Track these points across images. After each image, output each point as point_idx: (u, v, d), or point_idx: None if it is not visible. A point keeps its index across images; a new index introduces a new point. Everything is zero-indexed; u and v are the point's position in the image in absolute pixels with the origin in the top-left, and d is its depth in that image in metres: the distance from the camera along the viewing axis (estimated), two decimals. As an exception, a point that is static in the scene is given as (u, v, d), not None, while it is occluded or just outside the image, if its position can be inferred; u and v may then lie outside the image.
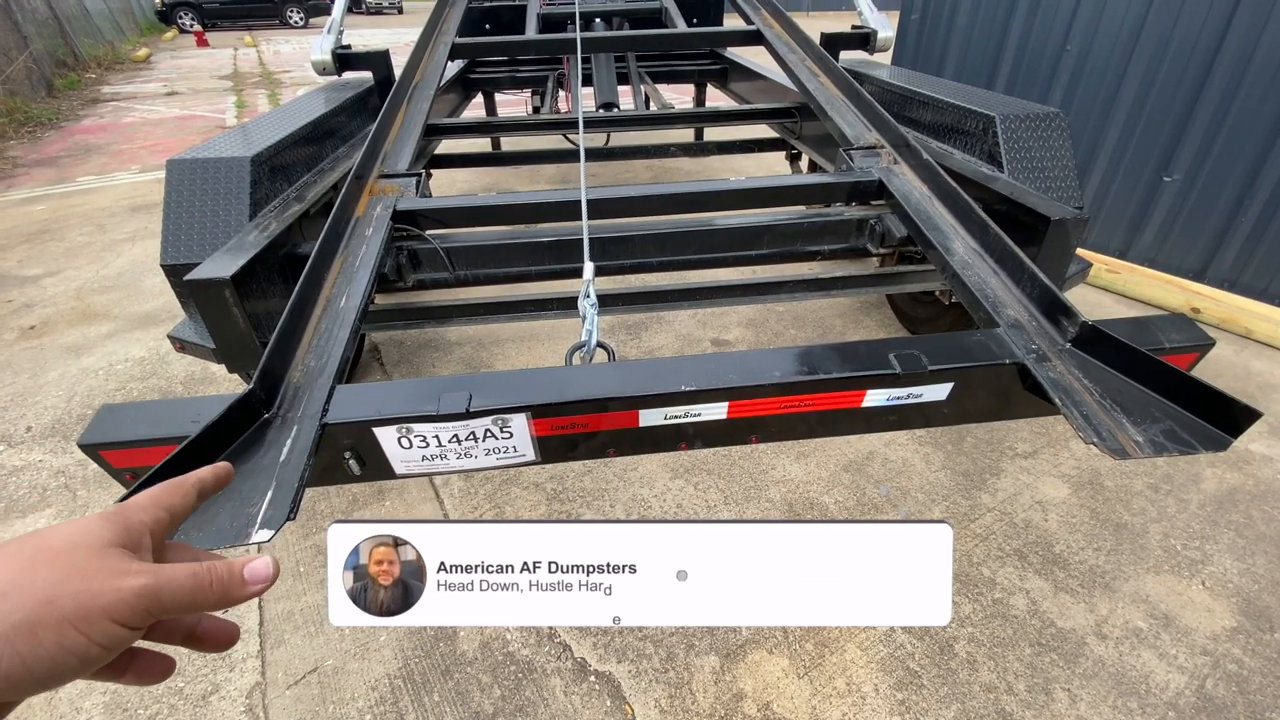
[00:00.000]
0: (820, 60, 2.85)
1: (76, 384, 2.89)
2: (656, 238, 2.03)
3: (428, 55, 3.00)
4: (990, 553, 1.94)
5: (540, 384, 1.31)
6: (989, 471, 2.25)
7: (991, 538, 1.99)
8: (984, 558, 1.93)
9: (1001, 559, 1.92)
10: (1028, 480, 2.21)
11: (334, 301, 1.59)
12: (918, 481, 2.19)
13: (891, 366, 1.32)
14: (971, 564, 1.91)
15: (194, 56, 14.05)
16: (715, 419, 1.38)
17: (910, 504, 2.11)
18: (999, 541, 1.98)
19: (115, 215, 4.91)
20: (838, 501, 2.11)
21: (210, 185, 2.01)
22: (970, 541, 1.98)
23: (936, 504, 2.11)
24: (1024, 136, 2.26)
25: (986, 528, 2.03)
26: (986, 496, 2.14)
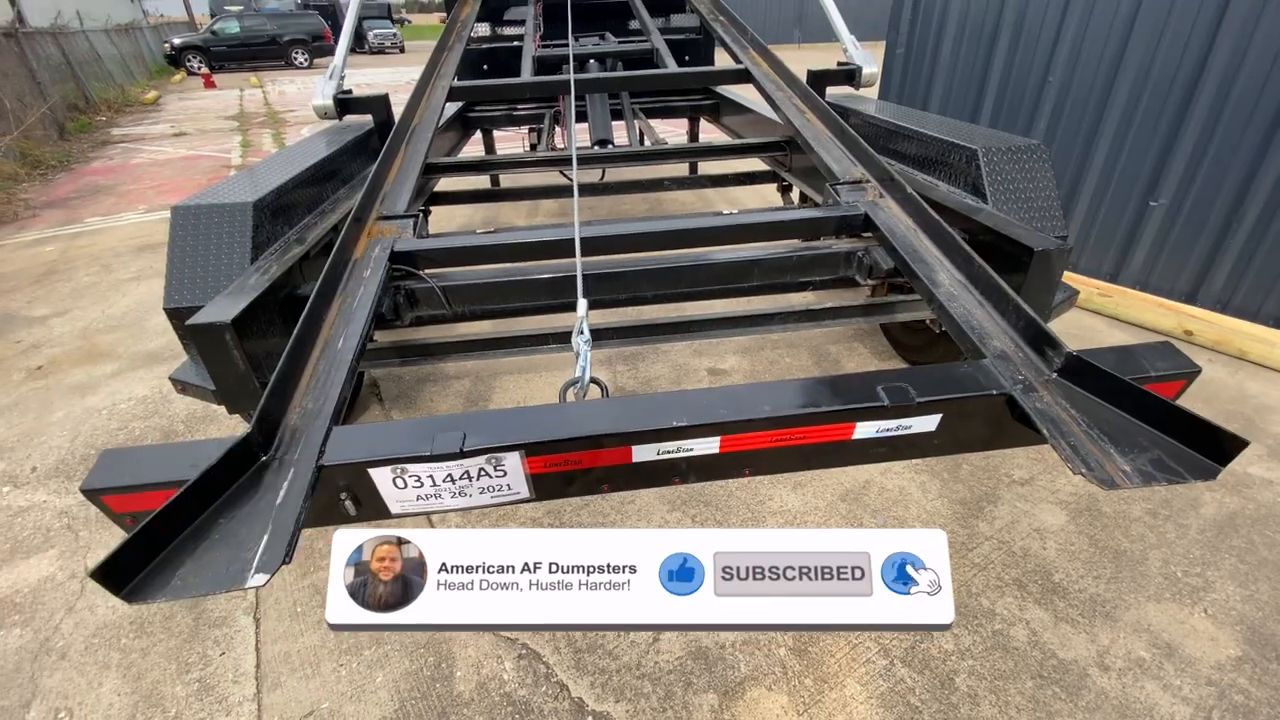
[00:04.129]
0: (806, 97, 2.93)
1: (81, 424, 2.92)
2: (649, 273, 2.07)
3: (426, 97, 3.09)
4: (989, 582, 1.94)
5: (533, 422, 1.33)
6: (986, 499, 2.25)
7: (990, 567, 1.99)
8: (983, 588, 1.92)
9: (1001, 589, 1.92)
10: (1025, 508, 2.21)
11: (332, 343, 1.63)
12: (915, 510, 2.19)
13: (880, 399, 1.34)
14: (971, 594, 1.90)
15: (201, 98, 14.41)
16: (708, 453, 1.40)
17: (908, 533, 2.11)
18: (998, 571, 1.97)
19: (121, 255, 5.00)
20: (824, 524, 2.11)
21: (213, 230, 2.06)
22: (969, 571, 1.97)
23: (934, 533, 2.10)
24: (1007, 168, 2.31)
25: (985, 557, 2.02)
26: (984, 525, 2.14)
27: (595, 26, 5.23)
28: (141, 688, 1.73)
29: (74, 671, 1.79)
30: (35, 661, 1.82)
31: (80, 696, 1.72)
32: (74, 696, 1.72)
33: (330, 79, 3.20)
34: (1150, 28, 3.23)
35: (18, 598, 2.04)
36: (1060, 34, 3.54)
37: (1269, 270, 3.07)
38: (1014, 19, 3.72)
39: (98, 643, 1.87)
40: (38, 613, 1.98)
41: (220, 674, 1.76)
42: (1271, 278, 3.06)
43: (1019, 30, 3.72)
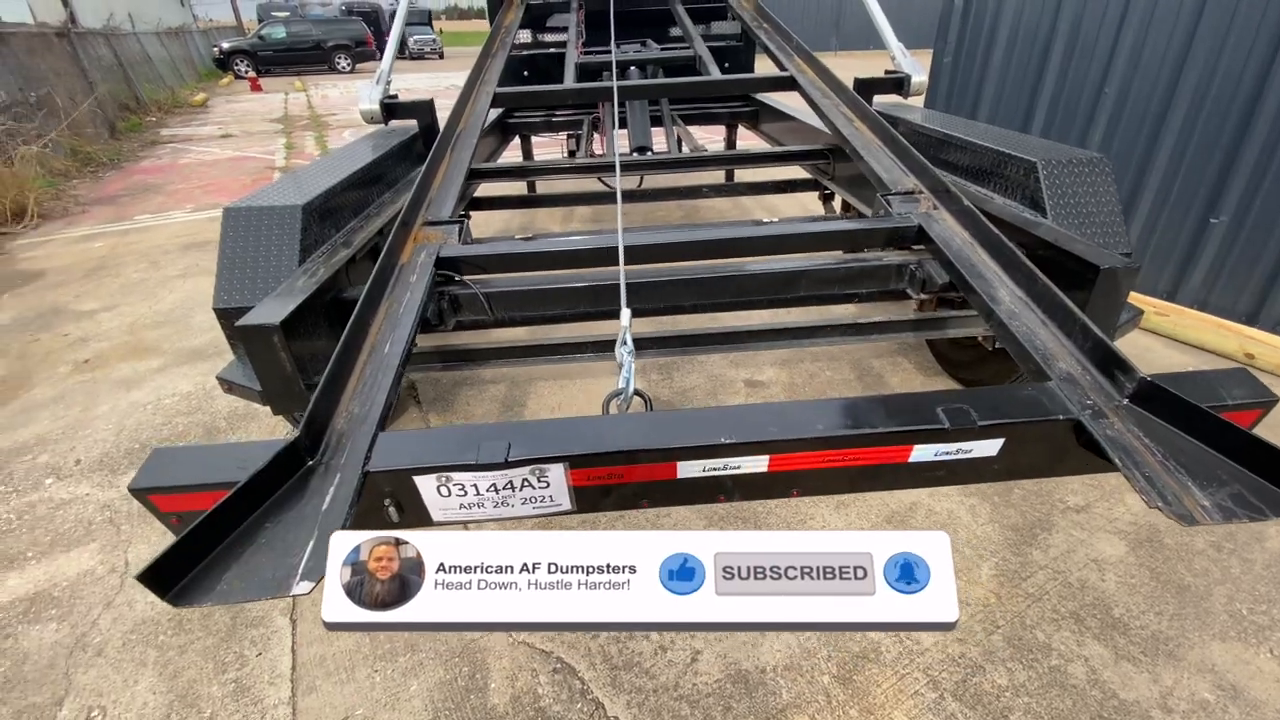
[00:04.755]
0: (854, 105, 2.87)
1: (125, 418, 2.98)
2: (692, 282, 2.04)
3: (470, 103, 3.11)
4: (1045, 615, 1.85)
5: (578, 434, 1.30)
6: (1040, 526, 2.15)
7: (1045, 598, 1.89)
8: (1038, 620, 1.83)
9: (1057, 622, 1.83)
10: (1081, 536, 2.11)
11: (378, 347, 1.62)
12: (964, 535, 2.11)
13: (939, 421, 1.28)
14: (1025, 627, 1.81)
15: (247, 101, 14.82)
16: (755, 472, 1.36)
17: (956, 559, 2.02)
18: (1054, 603, 1.88)
19: (169, 253, 5.13)
20: (879, 555, 2.04)
21: (263, 232, 2.08)
22: (1022, 602, 1.88)
23: (985, 560, 2.02)
24: (1068, 182, 2.22)
25: (1040, 587, 1.93)
26: (1038, 553, 2.05)
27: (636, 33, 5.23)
28: (177, 686, 1.74)
29: (110, 668, 1.80)
30: (70, 657, 1.84)
31: (115, 694, 1.73)
32: (108, 694, 1.73)
33: (377, 84, 3.24)
34: (1211, 40, 3.10)
35: (56, 591, 2.07)
36: (1117, 44, 3.42)
37: (1342, 293, 2.91)
38: (1069, 29, 3.61)
39: (135, 639, 1.88)
40: (75, 607, 2.00)
41: (256, 675, 1.76)
42: (1344, 301, 2.90)
43: (1074, 40, 3.60)
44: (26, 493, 2.52)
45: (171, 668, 1.79)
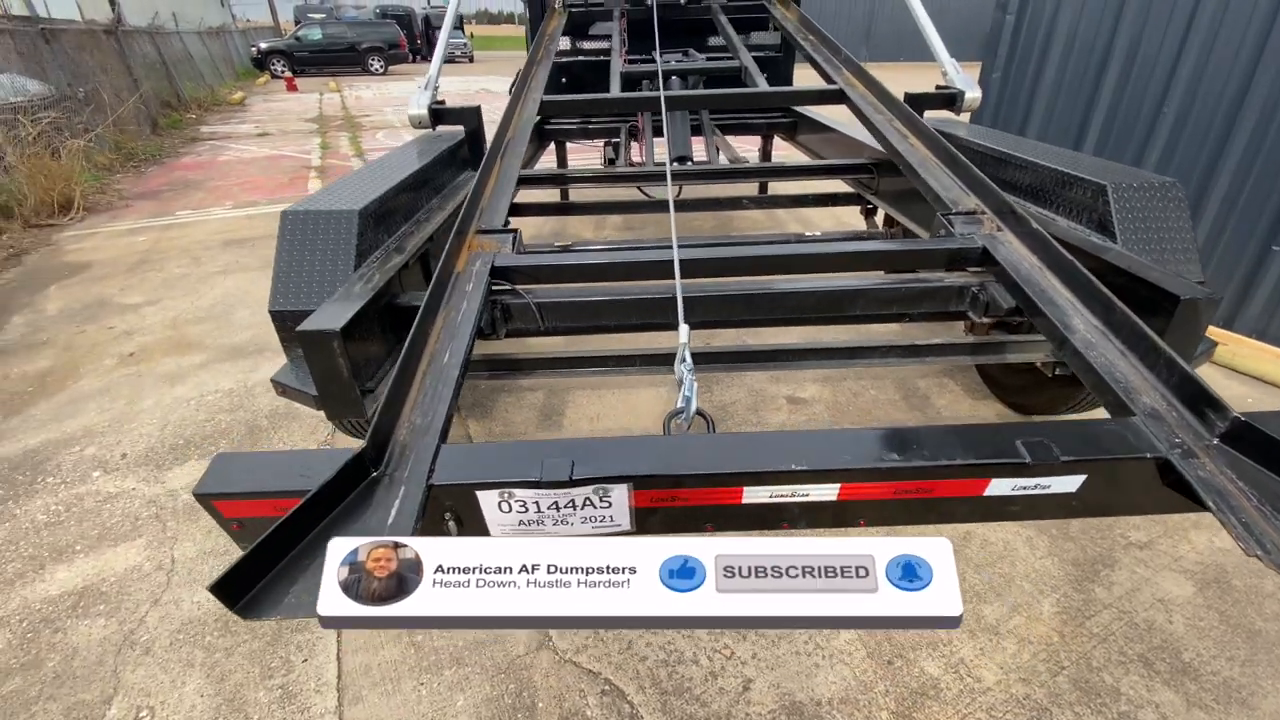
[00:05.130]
0: (909, 121, 2.82)
1: (170, 413, 3.01)
2: (747, 298, 2.00)
3: (518, 111, 3.11)
4: (1111, 657, 1.77)
5: (643, 454, 1.28)
6: (1101, 562, 2.08)
7: (1111, 639, 1.82)
8: (1105, 662, 1.76)
9: (1125, 665, 1.75)
10: (1145, 574, 2.03)
11: (437, 357, 1.61)
12: (1022, 568, 2.04)
13: (1020, 455, 1.24)
14: (1092, 669, 1.74)
15: (284, 100, 15.09)
16: (824, 500, 1.32)
17: (1016, 593, 1.96)
18: (1120, 644, 1.81)
19: (210, 249, 5.20)
20: (934, 585, 1.98)
21: (320, 236, 2.09)
22: (1088, 642, 1.81)
23: (1046, 596, 1.95)
24: (1139, 207, 2.15)
25: (1105, 627, 1.86)
26: (1101, 590, 1.97)
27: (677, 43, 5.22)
28: (225, 690, 1.73)
29: (157, 668, 1.80)
30: (118, 655, 1.85)
31: (163, 695, 1.73)
32: (156, 695, 1.73)
33: (425, 89, 3.25)
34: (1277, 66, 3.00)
35: (104, 586, 2.08)
36: (1178, 64, 3.33)
37: None
38: (1126, 46, 3.52)
39: (182, 639, 1.88)
40: (123, 603, 2.01)
41: (302, 682, 1.74)
42: None
43: (1131, 60, 3.52)
44: (74, 485, 2.55)
45: (219, 670, 1.78)
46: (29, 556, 2.19)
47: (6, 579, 2.10)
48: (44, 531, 2.30)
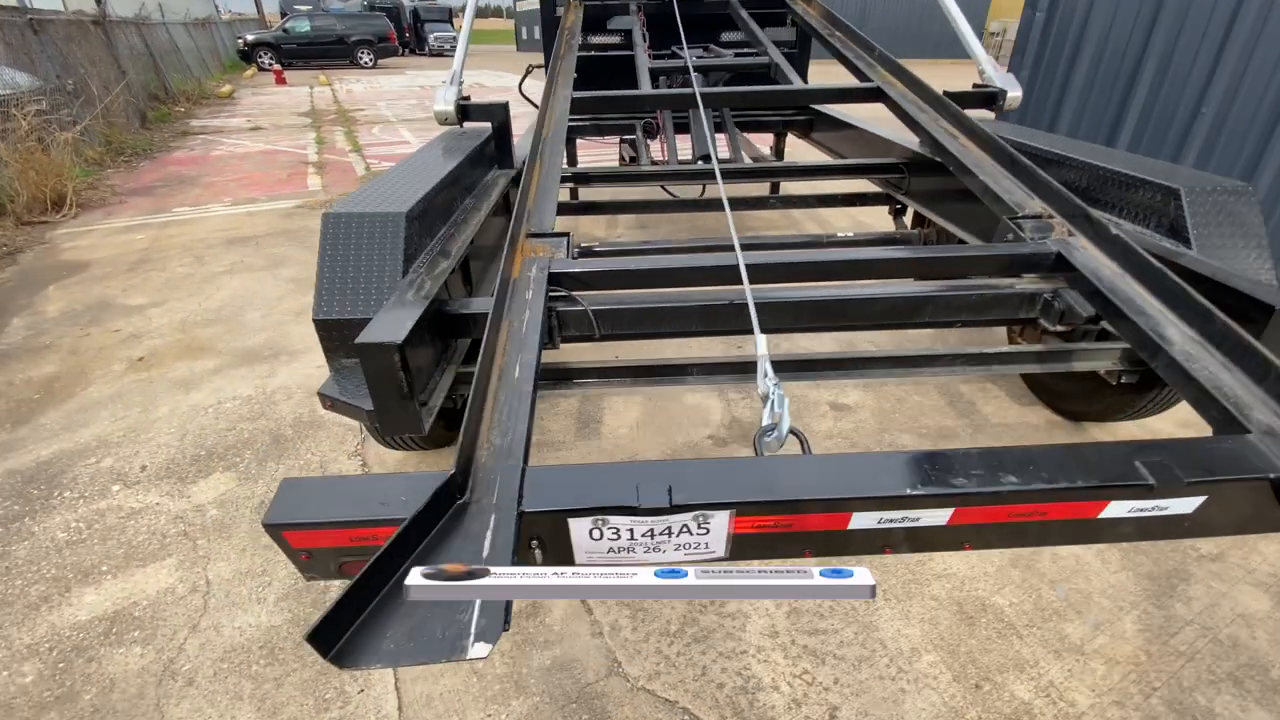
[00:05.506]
0: (958, 121, 2.75)
1: (188, 421, 2.88)
2: (816, 304, 1.93)
3: (550, 109, 3.00)
4: (1201, 676, 1.72)
5: (746, 479, 1.21)
6: (1175, 575, 2.02)
7: (1199, 657, 1.77)
8: (1195, 682, 1.70)
9: (1215, 684, 1.70)
10: (1222, 588, 1.98)
11: (507, 371, 1.51)
12: (1097, 584, 1.98)
13: (1143, 478, 1.18)
14: (1183, 689, 1.69)
15: (273, 93, 14.79)
16: (933, 525, 1.25)
17: (1095, 610, 1.90)
18: (1208, 662, 1.75)
19: (212, 247, 5.04)
20: (1012, 604, 1.92)
21: (365, 240, 1.98)
22: (1176, 661, 1.76)
23: (1126, 613, 1.89)
24: (1212, 211, 2.10)
25: (1190, 645, 1.80)
26: (1181, 606, 1.92)
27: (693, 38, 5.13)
28: (279, 724, 1.63)
29: (204, 701, 1.69)
30: (159, 686, 1.73)
31: (213, 728, 1.62)
32: (206, 727, 1.63)
33: (451, 84, 3.14)
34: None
35: (137, 611, 1.96)
36: (1218, 67, 3.30)
37: None
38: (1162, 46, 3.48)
39: (227, 668, 1.77)
40: (159, 630, 1.90)
41: (361, 715, 1.64)
42: None
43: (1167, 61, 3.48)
44: (94, 499, 2.42)
45: (270, 702, 1.68)
46: (53, 578, 2.07)
47: (31, 603, 1.98)
48: (66, 551, 2.18)
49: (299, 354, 3.43)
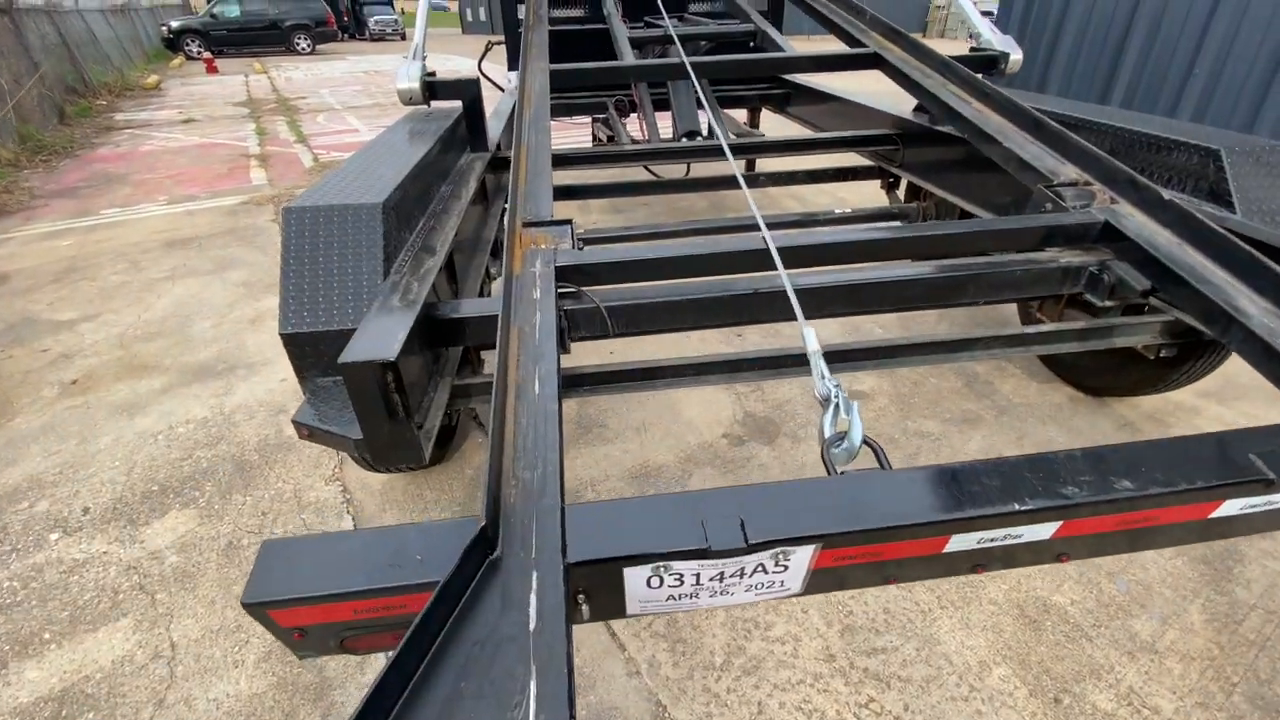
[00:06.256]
0: (971, 85, 2.59)
1: (134, 452, 2.54)
2: (852, 289, 1.75)
3: (528, 85, 2.73)
4: (1277, 665, 1.62)
5: (828, 504, 1.03)
6: (1229, 557, 1.93)
7: (1270, 645, 1.67)
8: (1272, 673, 1.60)
9: (1294, 675, 1.61)
10: (1277, 567, 1.90)
11: (525, 387, 1.28)
12: (1155, 573, 1.87)
13: (1261, 473, 1.05)
14: (1261, 681, 1.58)
15: (205, 83, 13.86)
16: (1035, 540, 1.09)
17: (1159, 602, 1.79)
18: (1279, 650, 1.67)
19: (149, 251, 4.58)
20: (1073, 601, 1.79)
21: (337, 237, 1.71)
22: (1248, 651, 1.65)
23: (1190, 601, 1.79)
24: (1254, 172, 1.99)
25: (1259, 632, 1.71)
26: (1241, 591, 1.82)
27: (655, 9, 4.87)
28: (273, 815, 1.38)
29: (180, 790, 1.43)
30: (126, 773, 1.46)
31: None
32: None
33: (414, 59, 2.83)
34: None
35: (89, 686, 1.67)
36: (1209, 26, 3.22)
37: None
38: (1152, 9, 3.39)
39: (205, 749, 1.51)
40: (119, 709, 1.61)
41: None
42: None
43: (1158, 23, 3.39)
44: (29, 552, 2.08)
45: (260, 791, 1.43)
46: (-18, 655, 1.75)
47: (-45, 688, 1.67)
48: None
49: (258, 366, 3.10)
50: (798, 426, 2.53)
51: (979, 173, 2.71)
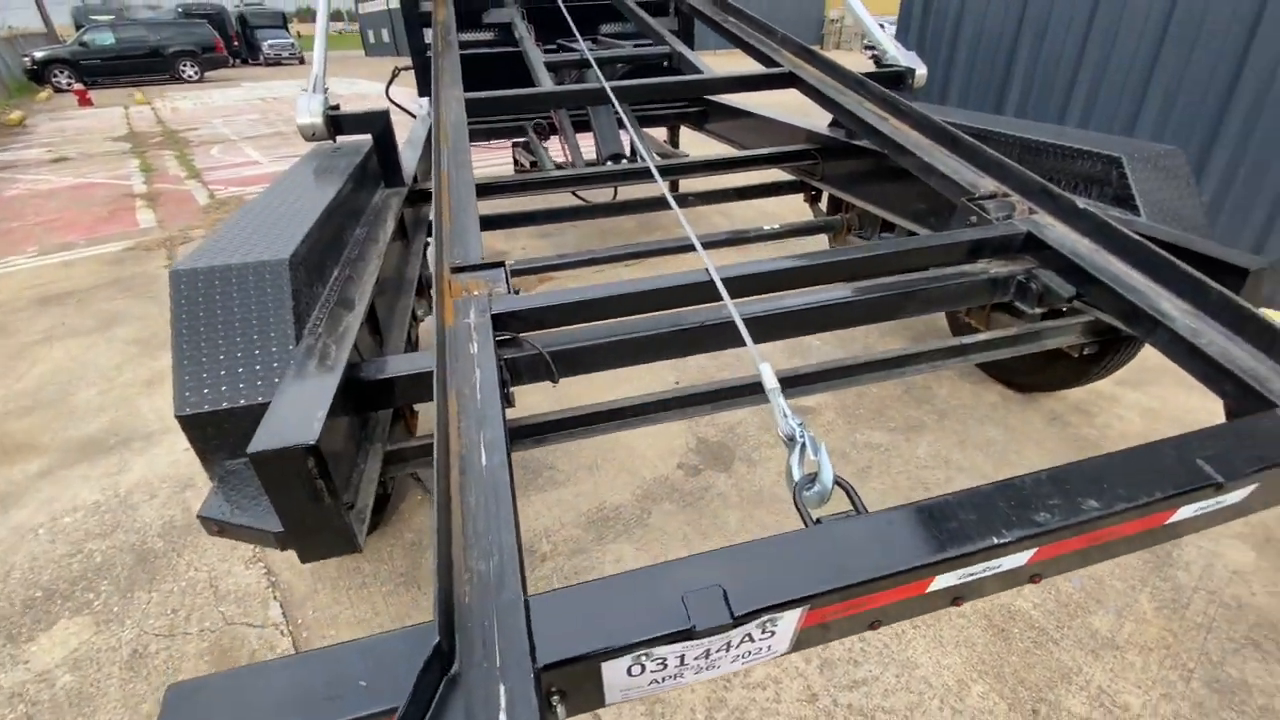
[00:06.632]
0: (886, 102, 2.65)
1: (10, 553, 2.20)
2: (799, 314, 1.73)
3: (443, 115, 2.59)
4: (1224, 645, 1.69)
5: (811, 560, 0.99)
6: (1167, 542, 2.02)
7: (1215, 626, 1.75)
8: (1222, 653, 1.67)
9: (1239, 651, 1.68)
10: (1209, 547, 2.00)
11: (469, 460, 1.17)
12: (1104, 567, 1.93)
13: (1210, 477, 1.09)
14: (1214, 663, 1.65)
15: (78, 117, 12.73)
16: (1012, 569, 1.09)
17: (1111, 595, 1.84)
18: (1224, 629, 1.74)
19: (19, 311, 4.08)
20: (1035, 605, 1.82)
21: (238, 301, 1.54)
22: (1198, 635, 1.72)
23: (1138, 591, 1.85)
24: (1153, 176, 2.11)
25: (1204, 613, 1.78)
26: (1182, 574, 1.91)
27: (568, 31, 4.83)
28: None
29: None
30: None
31: None
32: None
33: (314, 92, 2.65)
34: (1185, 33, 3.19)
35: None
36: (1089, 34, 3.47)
37: None
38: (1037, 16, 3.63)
39: None
40: None
41: None
42: None
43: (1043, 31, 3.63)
44: (-125, 694, 1.75)
45: None
46: None
47: None
48: None
49: (157, 436, 2.79)
50: (751, 449, 2.50)
51: (897, 183, 2.79)
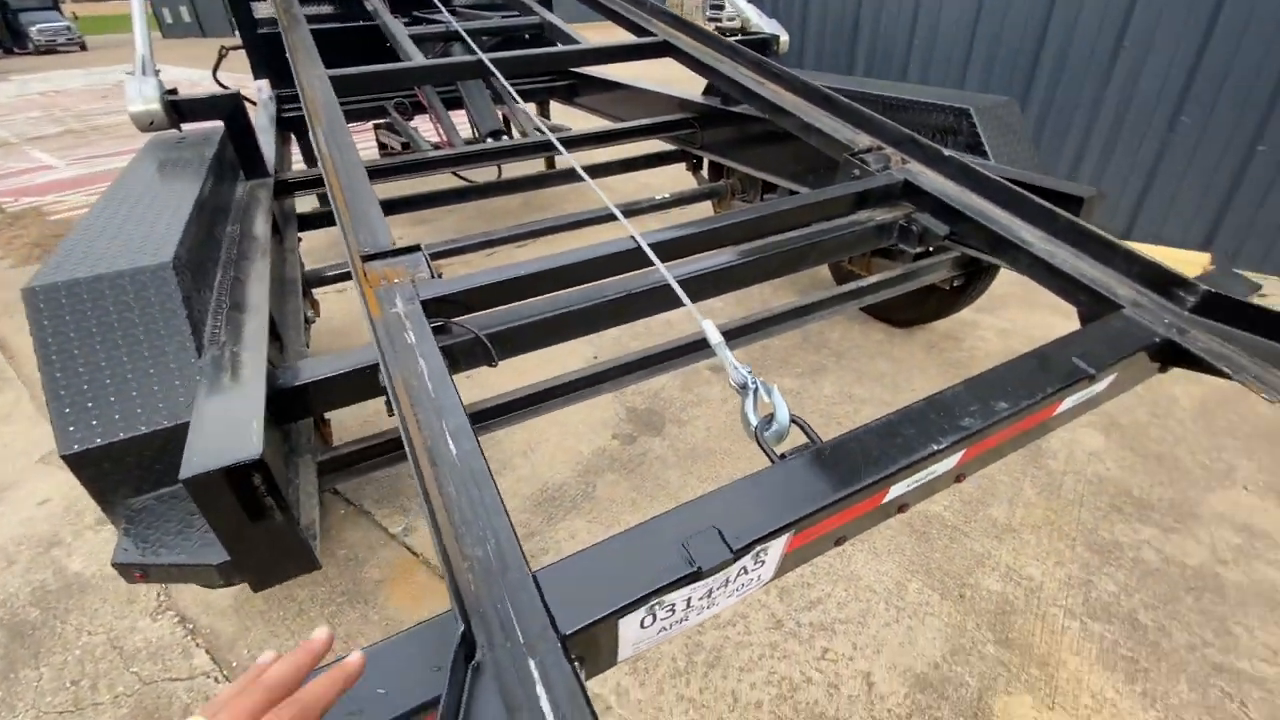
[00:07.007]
0: (761, 67, 2.78)
1: None
2: (727, 271, 1.83)
3: (309, 95, 2.37)
4: (1096, 515, 2.02)
5: (787, 489, 1.08)
6: (1037, 436, 2.37)
7: (1085, 500, 2.08)
8: (1095, 521, 2.00)
9: (1107, 517, 2.02)
10: (1069, 436, 2.36)
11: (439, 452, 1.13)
12: (994, 466, 2.21)
13: (1085, 370, 1.31)
14: (1089, 530, 1.97)
15: None
16: (944, 472, 1.26)
17: (1001, 488, 2.13)
18: (1092, 502, 2.07)
19: None
20: (945, 506, 2.07)
21: (118, 315, 1.36)
22: (1075, 509, 2.04)
23: (1021, 482, 2.15)
24: (996, 124, 2.40)
25: (1075, 491, 2.12)
26: (1052, 461, 2.24)
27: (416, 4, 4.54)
28: None
29: None
30: None
31: None
32: None
33: (145, 75, 2.32)
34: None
35: None
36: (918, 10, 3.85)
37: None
38: None
39: None
40: None
41: None
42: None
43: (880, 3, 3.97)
44: None
45: None
46: None
47: None
48: None
49: (4, 489, 2.36)
50: (679, 410, 2.58)
51: (774, 146, 2.96)
